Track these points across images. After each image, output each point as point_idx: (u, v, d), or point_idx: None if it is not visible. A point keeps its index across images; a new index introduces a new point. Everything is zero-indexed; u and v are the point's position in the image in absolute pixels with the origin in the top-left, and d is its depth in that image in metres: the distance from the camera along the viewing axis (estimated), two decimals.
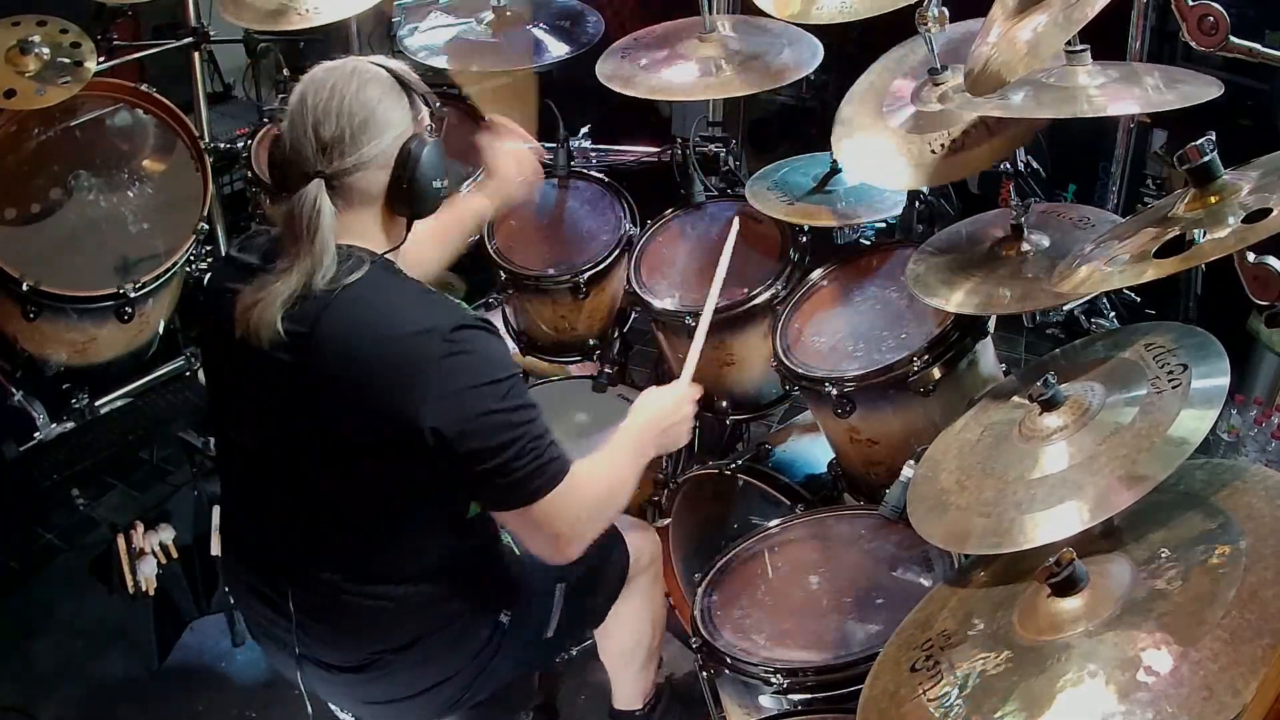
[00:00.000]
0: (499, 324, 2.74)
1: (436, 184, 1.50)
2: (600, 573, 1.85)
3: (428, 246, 1.86)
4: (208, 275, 1.98)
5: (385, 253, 1.51)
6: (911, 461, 1.58)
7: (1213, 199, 1.24)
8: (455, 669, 1.64)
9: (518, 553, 1.72)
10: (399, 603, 1.55)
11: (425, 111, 1.51)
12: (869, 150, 2.00)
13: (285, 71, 2.89)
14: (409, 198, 1.48)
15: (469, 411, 1.39)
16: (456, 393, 1.38)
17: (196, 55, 2.84)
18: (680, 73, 2.29)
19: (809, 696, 1.63)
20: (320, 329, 1.41)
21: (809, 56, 2.24)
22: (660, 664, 2.21)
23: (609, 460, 1.63)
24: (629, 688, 2.15)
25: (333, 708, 1.79)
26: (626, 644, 2.05)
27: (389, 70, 1.49)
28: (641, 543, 1.96)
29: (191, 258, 2.67)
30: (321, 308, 1.41)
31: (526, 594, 1.71)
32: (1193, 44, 1.47)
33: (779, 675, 1.64)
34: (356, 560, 1.53)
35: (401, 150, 1.46)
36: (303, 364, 1.42)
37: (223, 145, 2.78)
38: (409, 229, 1.54)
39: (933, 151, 1.90)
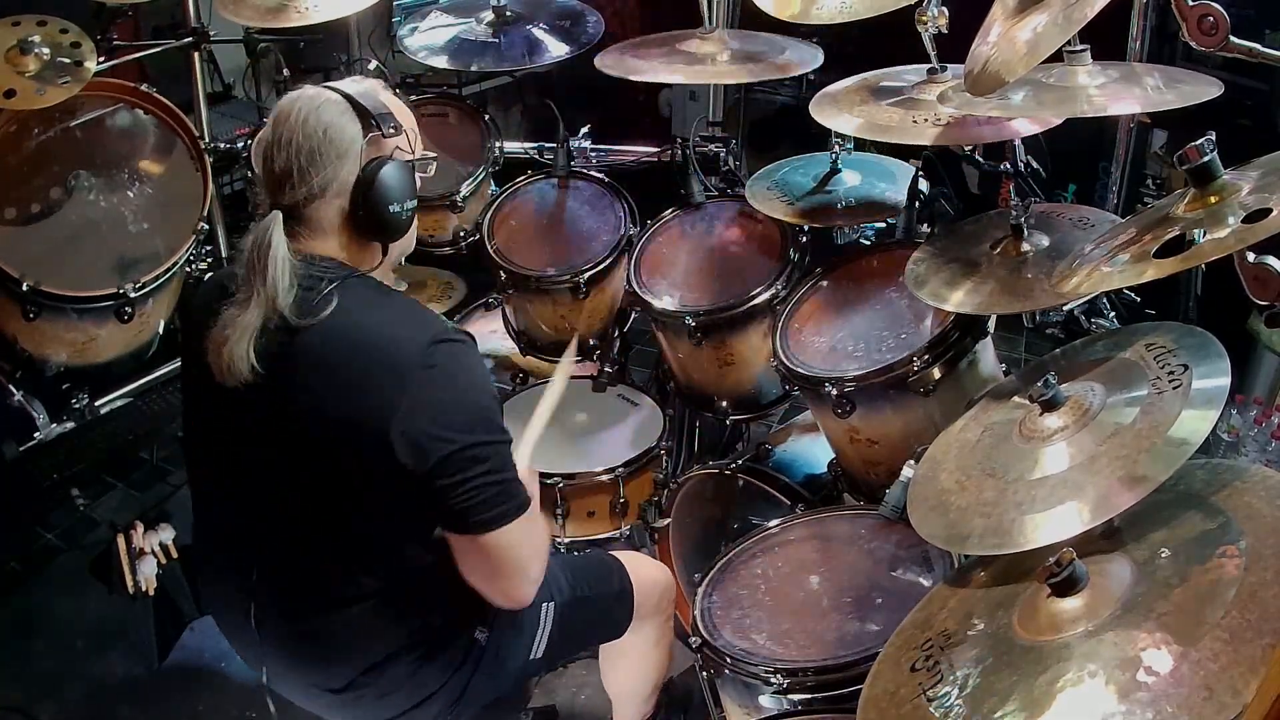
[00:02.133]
0: (499, 324, 2.75)
1: (395, 208, 1.48)
2: (592, 603, 1.81)
3: None
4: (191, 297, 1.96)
5: (367, 271, 1.50)
6: (911, 461, 1.58)
7: (1213, 199, 1.24)
8: (433, 689, 1.60)
9: None
10: (366, 619, 1.52)
11: (389, 132, 1.47)
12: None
13: (285, 72, 2.89)
14: (369, 224, 1.48)
15: (438, 427, 1.38)
16: (429, 404, 1.37)
17: (196, 55, 2.84)
18: (683, 60, 2.30)
19: (809, 696, 1.63)
20: (295, 348, 1.41)
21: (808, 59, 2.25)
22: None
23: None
24: (628, 714, 2.12)
25: None
26: (631, 678, 2.04)
27: (344, 94, 1.46)
28: (654, 581, 1.94)
29: (191, 258, 2.67)
30: (294, 333, 1.40)
31: (507, 612, 1.64)
32: (1193, 44, 1.47)
33: (779, 675, 1.64)
34: (327, 575, 1.51)
35: (356, 177, 1.45)
36: (278, 385, 1.42)
37: (223, 145, 2.78)
38: (385, 253, 1.54)
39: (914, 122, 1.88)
